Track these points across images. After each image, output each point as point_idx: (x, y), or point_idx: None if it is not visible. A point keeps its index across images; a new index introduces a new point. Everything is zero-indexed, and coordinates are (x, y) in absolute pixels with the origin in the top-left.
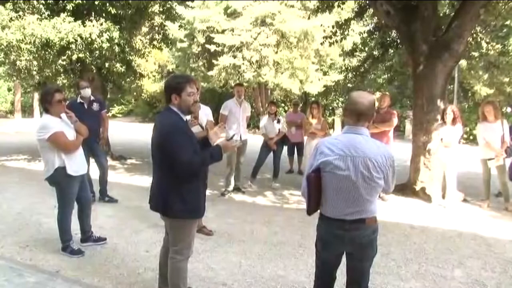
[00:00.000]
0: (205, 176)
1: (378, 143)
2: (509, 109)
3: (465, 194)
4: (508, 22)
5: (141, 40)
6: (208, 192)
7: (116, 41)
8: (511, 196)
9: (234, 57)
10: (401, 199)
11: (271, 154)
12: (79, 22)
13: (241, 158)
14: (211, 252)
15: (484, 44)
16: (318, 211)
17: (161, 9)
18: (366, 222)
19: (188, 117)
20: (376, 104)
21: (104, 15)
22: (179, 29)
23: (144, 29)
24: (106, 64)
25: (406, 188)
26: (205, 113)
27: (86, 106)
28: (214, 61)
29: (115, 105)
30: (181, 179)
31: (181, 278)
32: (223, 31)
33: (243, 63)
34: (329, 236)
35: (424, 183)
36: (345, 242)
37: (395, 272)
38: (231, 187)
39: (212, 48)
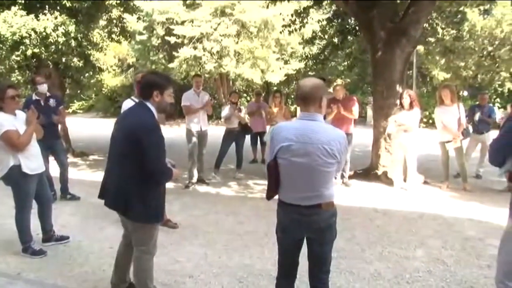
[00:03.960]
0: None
1: (332, 128)
2: (465, 93)
3: (425, 177)
4: (462, 8)
5: (99, 33)
6: (171, 185)
7: (72, 35)
8: (469, 176)
9: (195, 48)
10: (364, 184)
11: (234, 144)
12: (32, 16)
13: (202, 150)
14: (177, 245)
15: (439, 30)
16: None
17: (118, 1)
18: (322, 207)
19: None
20: (331, 90)
21: (58, 8)
22: (137, 22)
23: (102, 22)
24: (63, 59)
25: (368, 173)
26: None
27: (42, 103)
28: (175, 53)
29: (75, 101)
30: (146, 181)
31: (148, 276)
32: (182, 23)
33: (203, 55)
34: (287, 222)
35: (385, 168)
36: (303, 227)
37: (359, 255)
38: (194, 179)
39: (172, 40)
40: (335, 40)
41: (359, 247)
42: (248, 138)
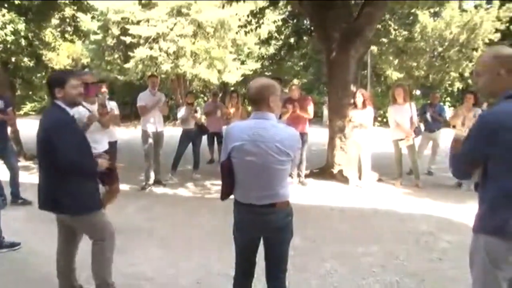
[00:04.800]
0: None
1: (284, 126)
2: (418, 92)
3: (379, 174)
4: (413, 10)
5: (51, 32)
6: (127, 187)
7: (22, 33)
8: (421, 173)
9: (151, 48)
10: (320, 183)
11: (191, 145)
12: None
13: (159, 151)
14: (134, 247)
15: (392, 31)
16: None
17: (71, 0)
18: (277, 206)
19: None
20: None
21: (6, 6)
22: (91, 21)
23: (54, 21)
24: (13, 59)
25: (324, 171)
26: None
27: None
28: (130, 53)
29: (27, 102)
30: (67, 175)
31: (107, 270)
32: (138, 22)
33: (160, 55)
34: (242, 221)
35: (341, 166)
36: (258, 227)
37: (315, 253)
38: (151, 181)
39: (128, 40)
40: (291, 40)
41: (315, 244)
42: (205, 138)
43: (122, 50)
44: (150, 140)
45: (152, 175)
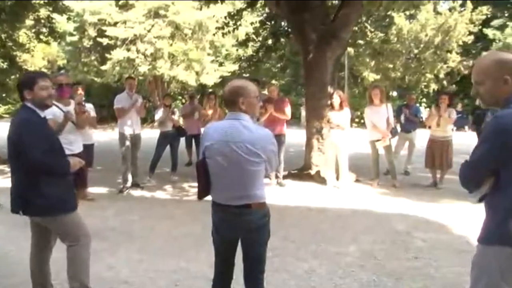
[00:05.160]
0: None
1: (257, 127)
2: (395, 93)
3: (357, 175)
4: (389, 13)
5: (25, 33)
6: (105, 190)
7: None
8: (397, 173)
9: (128, 50)
10: (298, 184)
11: (169, 147)
12: None
13: (136, 153)
14: (111, 251)
15: (369, 33)
16: None
17: (46, 1)
18: (252, 207)
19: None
20: (266, 92)
21: None
22: (67, 22)
23: (29, 22)
24: None
25: (302, 172)
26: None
27: None
28: (107, 55)
29: (0, 105)
30: (37, 176)
31: (84, 272)
32: (115, 24)
33: (137, 56)
34: (218, 222)
35: (318, 167)
36: (234, 227)
37: (294, 253)
38: (129, 184)
39: (105, 41)
40: (269, 42)
41: (293, 245)
42: (183, 140)
43: (99, 51)
44: (128, 143)
45: (129, 177)
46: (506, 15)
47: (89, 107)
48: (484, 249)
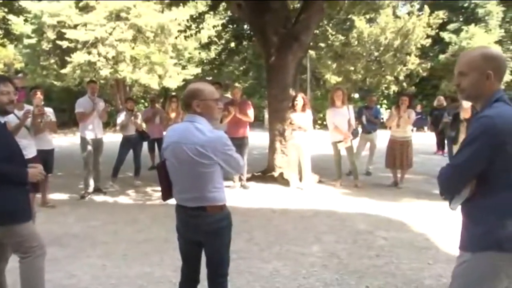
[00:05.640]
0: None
1: (209, 130)
2: (356, 95)
3: (320, 176)
4: (350, 16)
5: None
6: (66, 196)
7: None
8: (359, 173)
9: (89, 53)
10: (262, 186)
11: (132, 151)
12: None
13: (98, 158)
14: (73, 258)
15: (330, 36)
16: None
17: (1, 1)
18: (207, 210)
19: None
20: (229, 95)
21: None
22: (24, 24)
23: None
24: None
25: (265, 174)
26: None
27: None
28: (68, 58)
29: None
30: None
31: (40, 283)
32: (75, 26)
33: (98, 60)
34: (178, 223)
35: (282, 169)
36: (191, 229)
37: (258, 255)
38: (91, 189)
39: (64, 44)
40: (231, 45)
41: (258, 247)
42: (145, 144)
43: (59, 54)
44: (89, 147)
45: (91, 183)
46: (461, 19)
47: (49, 111)
48: (475, 256)
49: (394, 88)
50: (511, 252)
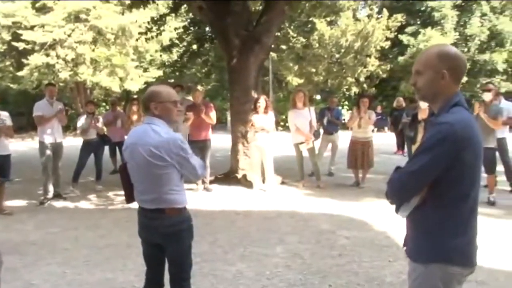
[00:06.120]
0: None
1: (165, 132)
2: (318, 97)
3: (283, 177)
4: (311, 19)
5: None
6: (24, 202)
7: None
8: (322, 174)
9: (47, 55)
10: (225, 188)
11: (93, 155)
12: None
13: (58, 163)
14: (32, 266)
15: (291, 38)
16: None
17: None
18: (166, 212)
19: None
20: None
21: None
22: None
23: None
24: None
25: (229, 176)
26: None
27: None
28: (24, 60)
29: None
30: None
31: None
32: (32, 27)
33: (57, 62)
34: (139, 226)
35: (245, 171)
36: (150, 232)
37: (222, 257)
38: (50, 194)
39: (21, 45)
40: (193, 47)
41: (221, 249)
42: (107, 148)
43: (15, 56)
44: (48, 152)
45: (51, 188)
46: (419, 22)
47: (4, 115)
48: (428, 269)
49: (355, 89)
50: (460, 266)
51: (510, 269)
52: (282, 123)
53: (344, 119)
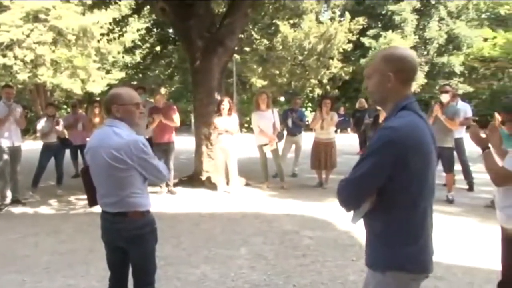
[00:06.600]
0: None
1: (126, 134)
2: (282, 98)
3: (247, 178)
4: (275, 21)
5: None
6: None
7: None
8: (286, 175)
9: (4, 56)
10: (189, 190)
11: (53, 159)
12: None
13: (16, 167)
14: None
15: (255, 40)
16: None
17: None
18: (128, 216)
19: None
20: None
21: None
22: None
23: None
24: None
25: (193, 179)
26: None
27: None
28: None
29: None
30: None
31: None
32: None
33: (15, 63)
34: (102, 229)
35: (209, 173)
36: (114, 236)
37: (186, 260)
38: (8, 200)
39: None
40: (157, 49)
41: (185, 252)
42: (68, 152)
43: None
44: (6, 156)
45: (9, 194)
46: (380, 25)
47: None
48: (382, 276)
49: (318, 91)
50: (414, 273)
51: (467, 264)
52: (246, 125)
53: (307, 121)
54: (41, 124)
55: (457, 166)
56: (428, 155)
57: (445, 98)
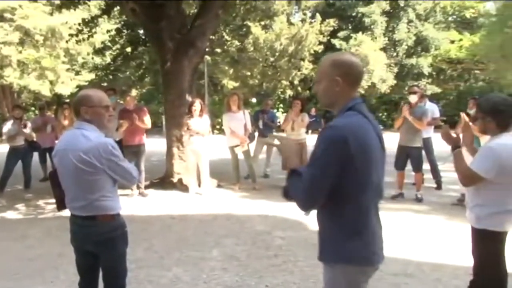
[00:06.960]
0: None
1: (96, 137)
2: (254, 100)
3: (219, 180)
4: (246, 22)
5: None
6: None
7: None
8: (258, 176)
9: None
10: (161, 193)
11: (20, 162)
12: None
13: None
14: None
15: (226, 42)
16: None
17: None
18: (97, 219)
19: None
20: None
21: None
22: None
23: None
24: None
25: (164, 181)
26: None
27: None
28: None
29: None
30: None
31: None
32: None
33: None
34: (71, 233)
35: (180, 175)
36: (83, 240)
37: (158, 263)
38: None
39: None
40: (127, 50)
41: (157, 255)
42: (36, 155)
43: None
44: None
45: None
46: (350, 27)
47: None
48: (329, 268)
49: (289, 92)
50: (360, 266)
51: (436, 261)
52: (217, 126)
53: (279, 122)
54: (7, 127)
55: (426, 166)
56: (371, 155)
57: (413, 98)
